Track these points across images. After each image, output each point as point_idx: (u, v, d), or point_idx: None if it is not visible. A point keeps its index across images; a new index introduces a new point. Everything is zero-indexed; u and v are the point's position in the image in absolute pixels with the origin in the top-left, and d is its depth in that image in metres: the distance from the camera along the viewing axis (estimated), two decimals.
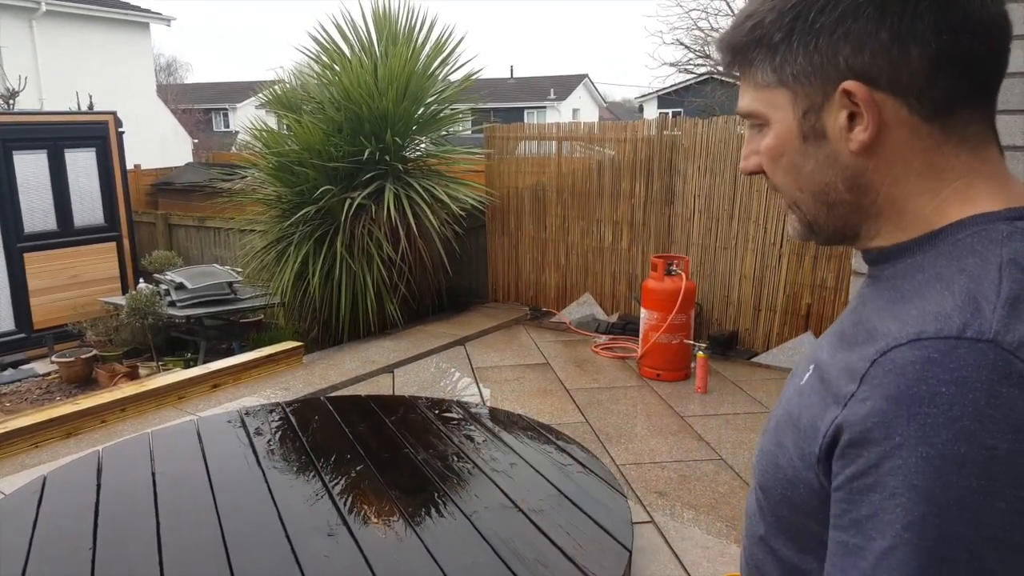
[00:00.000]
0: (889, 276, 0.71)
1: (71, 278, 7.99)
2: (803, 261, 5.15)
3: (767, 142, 0.75)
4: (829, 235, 0.77)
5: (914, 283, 0.66)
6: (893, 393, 0.59)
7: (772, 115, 0.73)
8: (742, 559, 0.87)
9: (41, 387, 6.61)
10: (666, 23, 38.15)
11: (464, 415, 3.76)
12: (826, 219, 0.75)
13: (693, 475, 3.55)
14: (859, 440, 0.60)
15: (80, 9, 14.39)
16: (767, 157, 0.76)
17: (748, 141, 0.79)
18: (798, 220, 0.78)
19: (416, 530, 2.56)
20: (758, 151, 0.77)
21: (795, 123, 0.72)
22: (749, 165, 0.79)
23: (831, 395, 0.66)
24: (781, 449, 0.73)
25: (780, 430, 0.75)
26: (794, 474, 0.70)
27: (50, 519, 2.71)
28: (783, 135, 0.73)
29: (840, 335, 0.73)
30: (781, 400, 0.81)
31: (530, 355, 5.46)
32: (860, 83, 0.66)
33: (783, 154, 0.74)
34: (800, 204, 0.76)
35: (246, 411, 3.77)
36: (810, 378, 0.74)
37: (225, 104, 32.37)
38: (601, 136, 6.20)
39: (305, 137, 5.68)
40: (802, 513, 0.71)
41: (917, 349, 0.59)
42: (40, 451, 3.82)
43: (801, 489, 0.69)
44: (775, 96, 0.72)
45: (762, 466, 0.77)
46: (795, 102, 0.71)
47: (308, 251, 5.66)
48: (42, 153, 7.73)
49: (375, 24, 6.16)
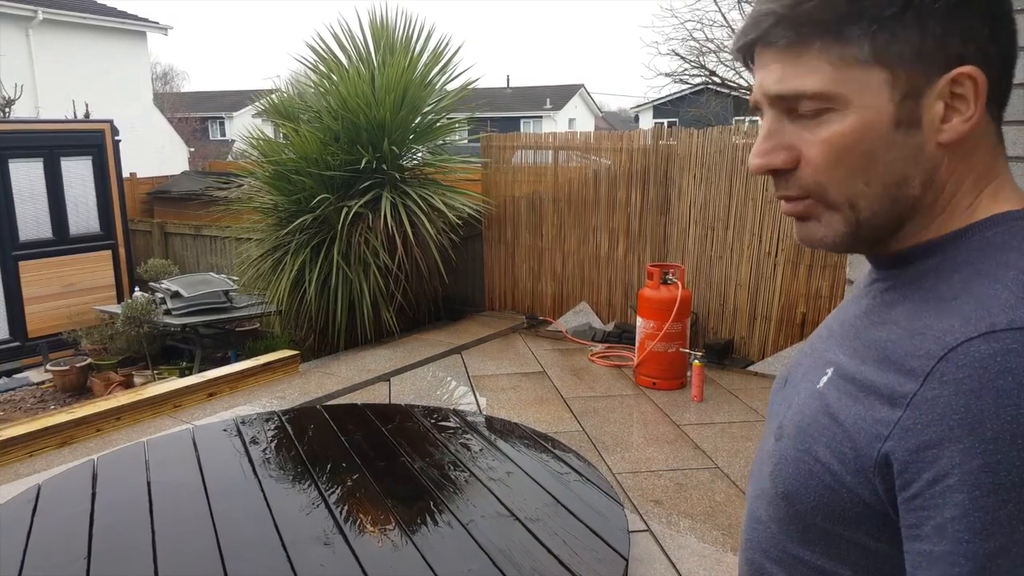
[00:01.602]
0: (913, 277, 0.69)
1: (66, 286, 7.97)
2: (798, 271, 5.17)
3: (839, 128, 0.66)
4: (872, 237, 0.71)
5: (953, 281, 0.65)
6: (974, 387, 0.57)
7: (858, 97, 0.66)
8: (744, 570, 0.84)
9: (36, 396, 6.58)
10: (661, 34, 38.35)
11: (460, 424, 3.75)
12: (884, 217, 0.69)
13: (689, 483, 3.56)
14: (937, 440, 0.58)
15: (77, 18, 14.40)
16: (831, 147, 0.67)
17: (772, 134, 0.70)
18: (843, 221, 0.70)
19: (412, 539, 2.56)
20: (791, 144, 0.69)
21: (891, 107, 0.65)
22: (777, 161, 0.70)
23: (877, 396, 0.63)
24: (811, 455, 0.69)
25: (805, 436, 0.71)
26: (833, 481, 0.66)
27: (45, 529, 2.70)
28: (870, 120, 0.66)
29: (855, 335, 0.72)
30: (791, 404, 0.77)
31: (527, 364, 5.46)
32: (980, 71, 0.64)
33: (863, 141, 0.66)
34: (858, 200, 0.68)
35: (242, 420, 3.76)
36: (832, 381, 0.70)
37: (222, 113, 32.39)
38: (597, 145, 6.23)
39: (302, 146, 5.69)
40: (840, 521, 0.67)
41: (993, 341, 0.57)
42: (35, 460, 3.80)
43: (844, 496, 0.66)
44: (867, 76, 0.65)
45: (786, 474, 0.72)
46: (894, 84, 0.65)
47: (305, 259, 5.66)
48: (38, 161, 7.72)
49: (372, 34, 6.19)
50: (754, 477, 0.84)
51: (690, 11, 18.28)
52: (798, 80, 0.67)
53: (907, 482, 0.59)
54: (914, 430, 0.59)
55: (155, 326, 6.70)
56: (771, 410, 0.87)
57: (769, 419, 0.87)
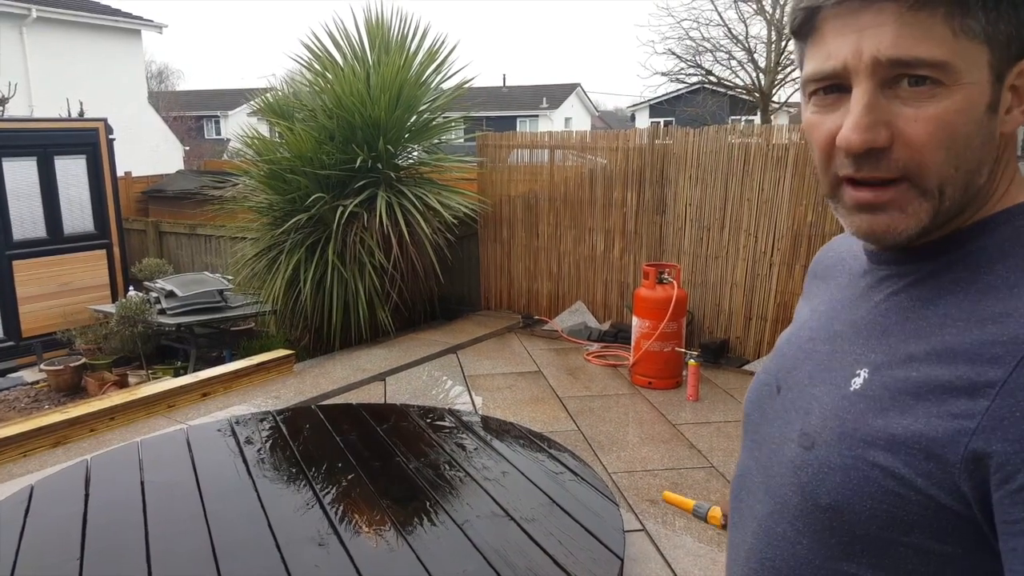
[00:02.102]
0: (943, 268, 0.67)
1: (60, 286, 7.94)
2: (794, 271, 5.17)
3: (948, 105, 0.62)
4: (935, 229, 0.68)
5: (998, 271, 0.63)
6: None
7: (968, 73, 0.62)
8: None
9: (29, 395, 6.56)
10: (658, 33, 38.34)
11: (456, 423, 3.75)
12: (957, 208, 0.66)
13: (685, 483, 3.55)
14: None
15: (71, 16, 14.35)
16: (939, 124, 0.62)
17: (872, 107, 0.63)
18: (930, 211, 0.65)
19: (407, 539, 2.56)
20: (889, 121, 0.63)
21: (989, 88, 0.63)
22: (880, 139, 0.64)
23: (947, 391, 0.60)
24: (865, 462, 0.65)
25: (853, 441, 0.66)
26: (899, 486, 0.62)
27: (38, 529, 2.69)
28: (975, 100, 0.62)
29: (883, 333, 0.69)
30: (811, 411, 0.72)
31: (522, 363, 5.45)
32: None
33: (967, 122, 0.63)
34: (947, 186, 0.64)
35: (236, 420, 3.75)
36: (872, 383, 0.67)
37: (217, 111, 32.32)
38: (593, 145, 6.22)
39: (297, 145, 5.68)
40: (901, 527, 0.63)
41: None
42: (28, 460, 3.79)
43: (911, 500, 0.62)
44: (974, 52, 0.62)
45: (831, 484, 0.67)
46: (992, 64, 0.62)
47: (300, 259, 5.65)
48: (32, 160, 7.69)
49: (367, 32, 6.17)
50: (756, 493, 0.79)
51: (686, 10, 18.33)
52: (920, 46, 0.61)
53: (1011, 474, 0.56)
54: (1012, 419, 0.56)
55: (149, 325, 6.68)
56: (761, 418, 0.82)
57: (758, 428, 0.82)
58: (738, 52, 15.79)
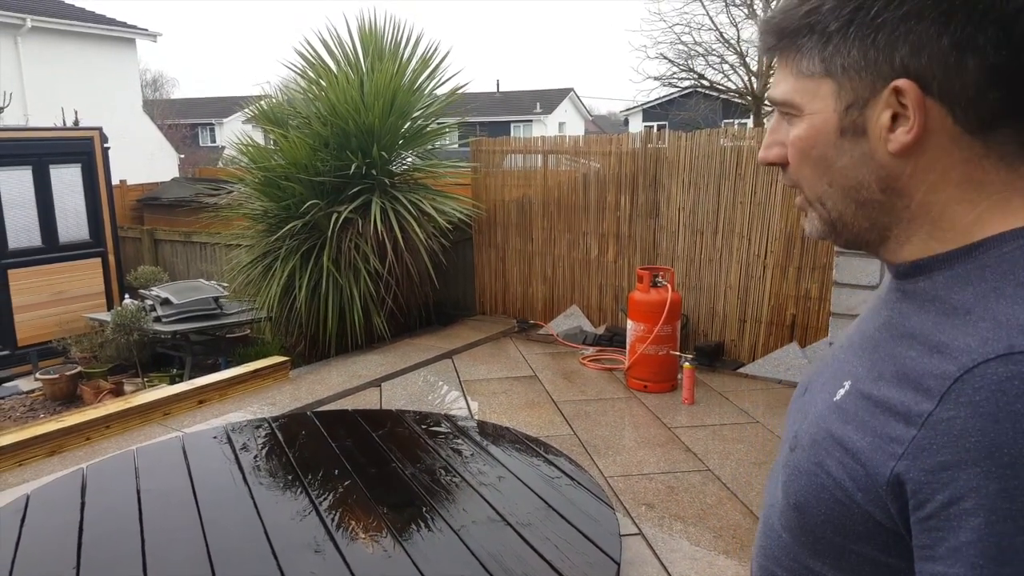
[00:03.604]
0: (926, 289, 0.69)
1: (56, 294, 7.93)
2: (787, 273, 5.19)
3: (797, 132, 0.73)
4: (853, 235, 0.75)
5: (966, 296, 0.64)
6: (991, 411, 0.56)
7: (810, 105, 0.71)
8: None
9: (25, 404, 6.54)
10: (650, 37, 38.49)
11: (452, 428, 3.76)
12: (853, 217, 0.73)
13: (681, 486, 3.57)
14: (953, 462, 0.57)
15: (65, 25, 14.35)
16: (795, 148, 0.74)
17: (773, 131, 0.77)
18: (819, 218, 0.76)
19: (404, 545, 2.56)
20: (783, 141, 0.76)
21: (835, 116, 0.70)
22: (771, 155, 0.77)
23: (892, 414, 0.63)
24: (823, 469, 0.69)
25: (819, 449, 0.71)
26: (844, 497, 0.66)
27: (33, 538, 2.69)
28: (818, 127, 0.71)
29: (874, 348, 0.72)
30: (808, 415, 0.77)
31: (518, 368, 5.46)
32: (914, 84, 0.65)
33: (814, 146, 0.72)
34: (826, 200, 0.74)
35: (232, 427, 3.75)
36: (849, 395, 0.70)
37: (211, 119, 32.31)
38: (586, 149, 6.25)
39: (291, 152, 5.69)
40: (851, 535, 0.67)
41: (1011, 364, 0.57)
42: (24, 469, 3.78)
43: (854, 512, 0.66)
44: (818, 86, 0.70)
45: (798, 486, 0.73)
46: (839, 95, 0.69)
47: (295, 265, 5.66)
48: (27, 169, 7.69)
49: (361, 40, 6.19)
50: (769, 485, 0.84)
51: (678, 15, 18.38)
52: (775, 87, 0.75)
53: (921, 502, 0.59)
54: (930, 450, 0.59)
55: (145, 333, 6.68)
56: (789, 419, 0.87)
57: (787, 427, 0.86)
58: (730, 56, 15.84)
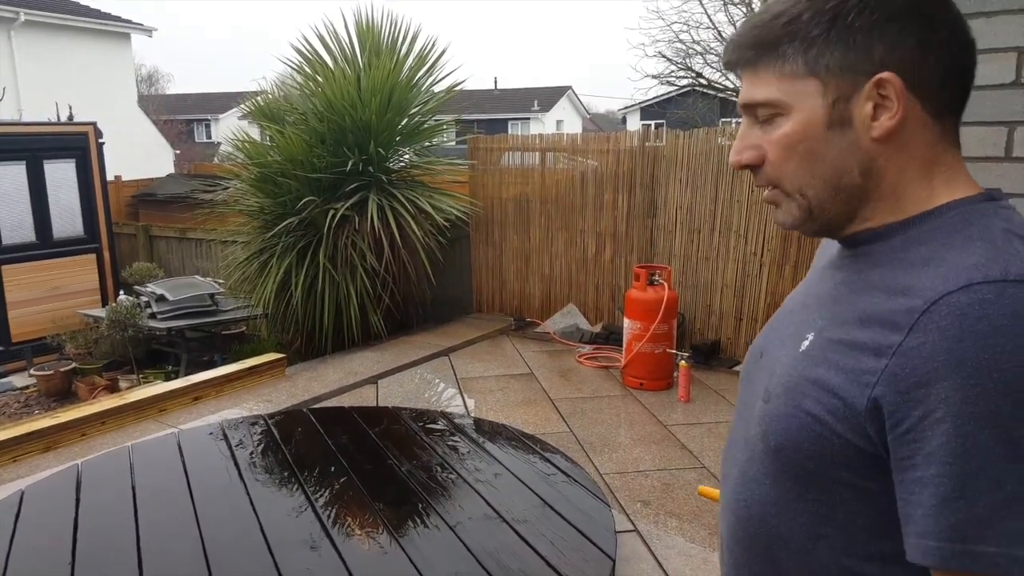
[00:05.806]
0: (883, 251, 0.79)
1: (50, 290, 7.90)
2: (783, 271, 5.20)
3: (784, 130, 0.80)
4: (826, 220, 0.83)
5: (921, 252, 0.75)
6: (955, 333, 0.66)
7: (797, 104, 0.79)
8: (742, 524, 0.89)
9: (19, 400, 6.53)
10: (648, 36, 38.51)
11: (448, 426, 3.75)
12: (831, 203, 0.81)
13: (676, 483, 3.57)
14: (924, 380, 0.67)
15: (60, 19, 14.28)
16: (780, 145, 0.81)
17: (743, 136, 0.84)
18: (797, 207, 0.83)
19: (400, 542, 2.56)
20: (757, 144, 0.83)
21: (823, 111, 0.78)
22: (744, 158, 0.84)
23: (861, 351, 0.73)
24: (801, 410, 0.78)
25: (795, 393, 0.79)
26: (824, 430, 0.75)
27: (28, 534, 2.68)
28: (807, 122, 0.79)
29: (834, 302, 0.82)
30: (774, 371, 0.85)
31: (514, 365, 5.46)
32: (897, 76, 0.75)
33: (803, 140, 0.80)
34: (807, 190, 0.81)
35: (228, 424, 3.74)
36: (814, 344, 0.80)
37: (207, 115, 32.20)
38: (584, 147, 6.24)
39: (288, 148, 5.67)
40: (831, 464, 0.76)
41: (971, 293, 0.67)
42: (19, 465, 3.77)
43: (834, 443, 0.75)
44: (804, 86, 0.79)
45: (778, 429, 0.81)
46: (825, 92, 0.78)
47: (291, 262, 5.64)
48: (21, 164, 7.65)
49: (358, 35, 6.17)
50: (738, 444, 0.92)
51: (676, 13, 18.39)
52: (755, 92, 0.82)
53: (898, 421, 0.69)
54: (902, 375, 0.68)
55: (140, 330, 6.65)
56: (748, 381, 0.95)
57: (745, 390, 0.96)
58: None
